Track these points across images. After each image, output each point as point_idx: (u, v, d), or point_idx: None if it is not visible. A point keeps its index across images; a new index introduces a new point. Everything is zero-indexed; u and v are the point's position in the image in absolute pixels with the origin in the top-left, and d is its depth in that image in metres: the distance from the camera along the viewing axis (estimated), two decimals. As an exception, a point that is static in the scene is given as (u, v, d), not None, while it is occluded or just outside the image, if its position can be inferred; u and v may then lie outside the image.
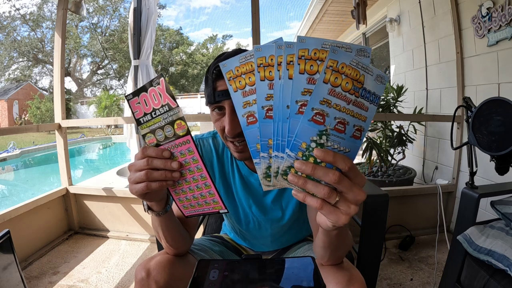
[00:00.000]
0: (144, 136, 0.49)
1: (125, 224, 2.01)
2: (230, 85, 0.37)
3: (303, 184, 0.36)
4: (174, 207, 0.65)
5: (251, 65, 0.35)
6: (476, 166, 1.12)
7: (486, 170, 1.56)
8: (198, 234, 1.07)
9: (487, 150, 0.95)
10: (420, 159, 2.56)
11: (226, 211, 0.49)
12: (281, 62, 0.33)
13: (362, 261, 1.08)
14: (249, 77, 0.36)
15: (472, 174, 1.11)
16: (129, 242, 1.95)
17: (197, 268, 0.43)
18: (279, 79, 0.33)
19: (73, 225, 2.06)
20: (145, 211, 0.60)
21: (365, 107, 0.34)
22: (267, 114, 0.35)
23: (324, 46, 0.32)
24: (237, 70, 0.36)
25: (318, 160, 0.34)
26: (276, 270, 0.45)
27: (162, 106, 0.46)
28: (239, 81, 0.36)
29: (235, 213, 0.80)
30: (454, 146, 1.19)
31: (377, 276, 1.13)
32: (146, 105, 0.47)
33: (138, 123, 0.48)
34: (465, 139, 1.23)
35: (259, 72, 0.35)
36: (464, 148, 1.90)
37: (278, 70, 0.33)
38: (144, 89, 0.47)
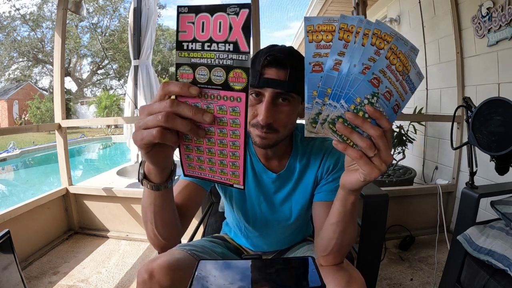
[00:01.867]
0: (178, 66, 0.37)
1: (125, 224, 2.01)
2: (308, 36, 0.41)
3: (350, 133, 0.41)
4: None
5: (332, 27, 0.41)
6: (476, 166, 1.12)
7: (486, 170, 1.56)
8: (198, 235, 1.07)
9: (487, 150, 0.95)
10: (420, 159, 2.56)
11: (242, 187, 0.42)
12: (359, 32, 0.40)
13: (362, 261, 1.08)
14: (327, 35, 0.41)
15: (472, 174, 1.11)
16: (129, 242, 1.95)
17: (197, 268, 0.43)
18: (354, 43, 0.40)
19: (73, 225, 2.06)
20: (139, 180, 0.50)
21: (406, 89, 0.42)
22: (335, 66, 0.41)
23: (392, 33, 0.40)
24: (318, 27, 0.41)
25: (366, 116, 0.41)
26: (276, 270, 0.45)
27: (227, 42, 0.35)
28: (317, 35, 0.41)
29: (243, 209, 0.80)
30: (454, 146, 1.19)
31: (377, 276, 1.13)
32: (202, 31, 0.35)
33: (179, 47, 0.36)
34: (465, 139, 1.24)
35: (339, 33, 0.40)
36: (464, 148, 1.90)
37: (355, 37, 0.40)
38: (209, 9, 0.35)
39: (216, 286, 0.41)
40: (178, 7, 0.35)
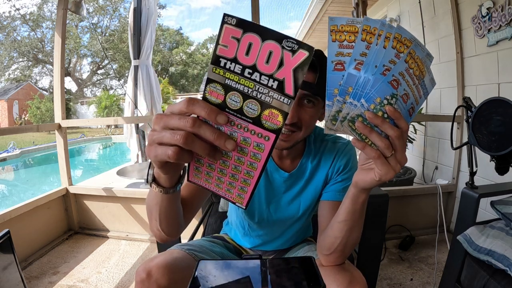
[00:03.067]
0: (209, 82, 0.32)
1: (125, 224, 2.01)
2: (331, 35, 0.42)
3: (369, 132, 0.41)
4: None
5: (355, 28, 0.42)
6: (476, 166, 1.12)
7: (486, 170, 1.56)
8: (198, 235, 1.07)
9: (487, 150, 0.95)
10: (420, 159, 2.56)
11: (244, 208, 0.39)
12: (381, 34, 0.41)
13: (362, 261, 1.08)
14: (350, 36, 0.42)
15: (472, 174, 1.11)
16: (129, 242, 1.95)
17: (197, 268, 0.43)
18: (376, 45, 0.42)
19: (73, 225, 2.07)
20: (146, 182, 0.48)
21: (420, 94, 0.44)
22: (356, 66, 0.42)
23: (411, 38, 0.41)
24: (341, 27, 0.42)
25: (385, 116, 0.42)
26: (277, 270, 0.45)
27: (272, 77, 0.31)
28: (340, 35, 0.42)
29: (251, 208, 0.80)
30: (454, 146, 1.19)
31: (377, 276, 1.13)
32: (247, 54, 0.31)
33: (216, 61, 0.31)
34: (465, 139, 1.23)
35: (362, 34, 0.42)
36: (464, 148, 1.90)
37: (377, 39, 0.42)
38: (261, 32, 0.30)
39: (217, 286, 0.41)
40: (225, 15, 0.30)
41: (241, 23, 0.30)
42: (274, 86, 0.31)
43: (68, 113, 14.04)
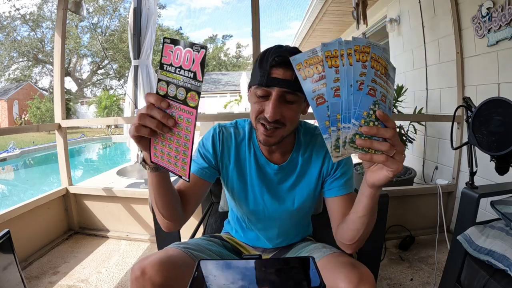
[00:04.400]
0: (159, 81, 0.50)
1: (125, 224, 2.01)
2: (300, 74, 0.46)
3: (370, 144, 0.46)
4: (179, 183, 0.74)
5: (318, 58, 0.45)
6: (476, 166, 1.12)
7: (486, 170, 1.56)
8: (198, 235, 1.07)
9: (487, 150, 0.95)
10: (420, 159, 2.56)
11: (187, 180, 0.51)
12: (343, 54, 0.44)
13: (362, 261, 1.07)
14: (316, 67, 0.46)
15: (472, 174, 1.11)
16: (129, 242, 1.95)
17: (197, 268, 0.43)
18: (343, 65, 0.45)
19: (73, 225, 2.07)
20: (140, 163, 0.61)
21: (390, 86, 0.48)
22: (335, 93, 0.45)
23: (367, 43, 0.45)
24: (306, 63, 0.46)
25: (376, 123, 0.46)
26: (276, 270, 0.45)
27: (189, 71, 0.47)
28: (308, 71, 0.46)
29: (246, 200, 0.81)
30: (454, 146, 1.19)
31: (377, 276, 1.13)
32: (176, 59, 0.48)
33: (161, 67, 0.49)
34: (465, 139, 1.24)
35: (327, 61, 0.45)
36: (464, 148, 1.90)
37: (341, 59, 0.45)
38: (182, 44, 0.47)
39: (217, 286, 0.41)
40: (164, 38, 0.48)
41: (172, 41, 0.47)
42: (191, 76, 0.47)
43: (68, 113, 14.04)
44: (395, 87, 2.38)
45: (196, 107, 0.48)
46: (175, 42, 0.47)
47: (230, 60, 28.63)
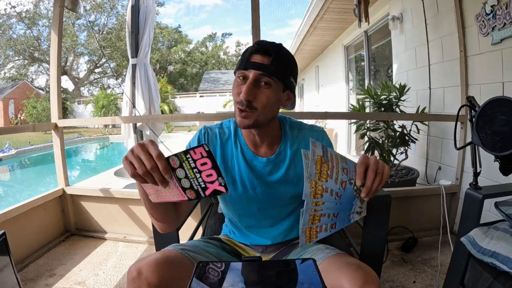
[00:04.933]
0: (177, 156, 0.53)
1: (123, 225, 2.01)
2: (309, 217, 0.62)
3: (374, 191, 0.62)
4: None
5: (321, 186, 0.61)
6: (480, 167, 1.12)
7: (490, 171, 1.56)
8: (197, 236, 1.07)
9: (491, 150, 0.95)
10: (423, 160, 2.56)
11: (198, 197, 0.54)
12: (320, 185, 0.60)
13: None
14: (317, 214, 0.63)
15: (476, 174, 1.11)
16: (126, 244, 1.95)
17: (196, 270, 0.43)
18: (332, 196, 0.62)
19: (69, 227, 2.07)
20: None
21: (336, 158, 0.62)
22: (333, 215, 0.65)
23: (323, 155, 0.60)
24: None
25: (360, 189, 0.63)
26: (277, 272, 0.45)
27: (204, 182, 0.53)
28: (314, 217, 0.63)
29: (237, 196, 0.83)
30: (458, 146, 1.19)
31: (379, 278, 1.12)
32: (201, 165, 0.52)
33: (185, 153, 0.52)
34: (468, 139, 1.23)
35: (328, 193, 0.61)
36: (468, 148, 1.90)
37: (330, 193, 0.61)
38: (213, 163, 0.51)
39: (216, 288, 0.41)
40: (205, 145, 0.51)
41: (209, 154, 0.51)
42: (202, 185, 0.53)
43: (65, 112, 14.03)
44: (397, 86, 2.38)
45: (189, 199, 0.55)
46: (210, 156, 0.51)
47: (229, 59, 28.67)
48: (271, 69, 0.70)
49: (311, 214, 0.61)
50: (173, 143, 6.63)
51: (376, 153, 2.40)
